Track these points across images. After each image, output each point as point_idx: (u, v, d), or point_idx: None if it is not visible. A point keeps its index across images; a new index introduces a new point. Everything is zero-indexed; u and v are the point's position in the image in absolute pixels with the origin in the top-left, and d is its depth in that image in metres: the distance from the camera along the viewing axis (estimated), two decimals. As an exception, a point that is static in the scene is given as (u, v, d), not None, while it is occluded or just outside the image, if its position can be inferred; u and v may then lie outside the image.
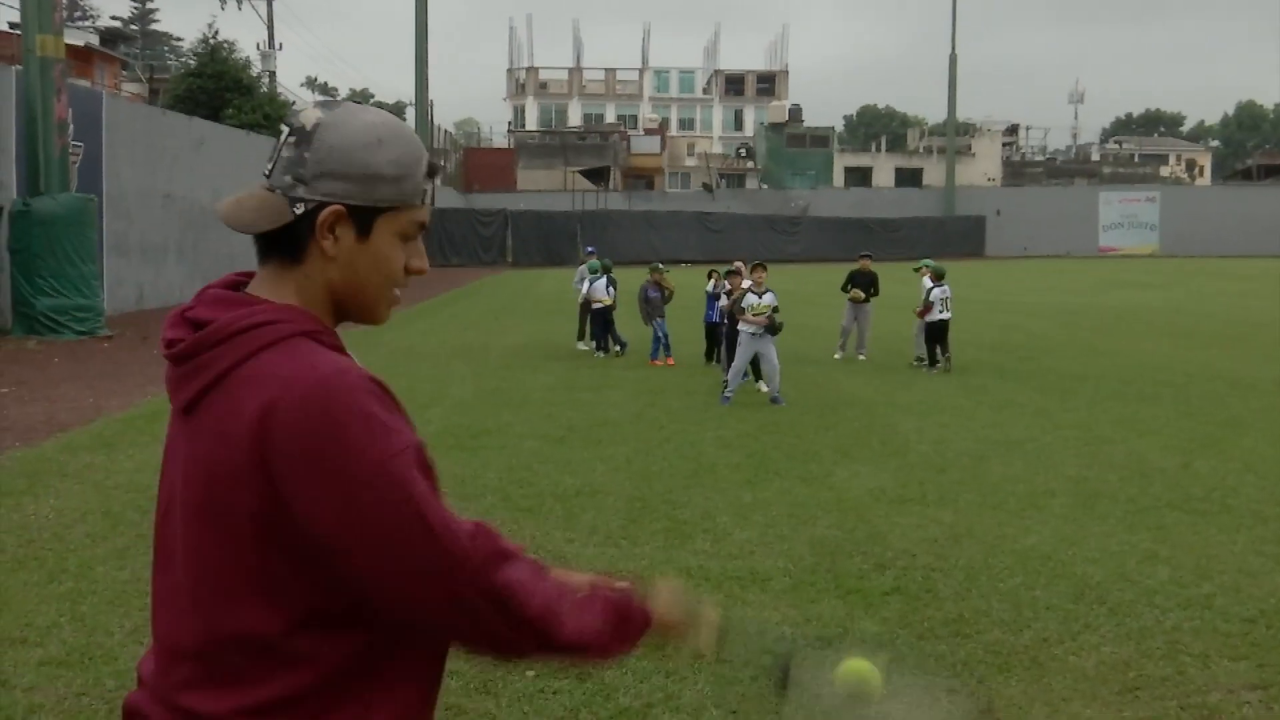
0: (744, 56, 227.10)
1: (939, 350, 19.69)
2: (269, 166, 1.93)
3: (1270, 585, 7.78)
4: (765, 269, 16.57)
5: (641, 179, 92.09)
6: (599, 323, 21.85)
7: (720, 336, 18.23)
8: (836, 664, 2.22)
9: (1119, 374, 19.20)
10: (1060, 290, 43.55)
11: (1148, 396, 16.75)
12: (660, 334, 20.42)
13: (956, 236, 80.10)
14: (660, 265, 22.31)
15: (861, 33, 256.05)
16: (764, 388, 16.58)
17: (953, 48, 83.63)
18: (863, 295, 21.32)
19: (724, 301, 17.41)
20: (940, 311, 19.57)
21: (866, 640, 6.72)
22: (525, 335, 25.59)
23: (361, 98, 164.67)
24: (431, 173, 2.01)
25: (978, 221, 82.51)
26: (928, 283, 20.12)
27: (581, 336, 22.94)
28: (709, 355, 20.03)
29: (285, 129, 1.93)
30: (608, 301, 21.65)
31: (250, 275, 2.00)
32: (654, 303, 20.70)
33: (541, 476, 11.06)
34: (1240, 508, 10.04)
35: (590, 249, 25.16)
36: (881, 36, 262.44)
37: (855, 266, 21.95)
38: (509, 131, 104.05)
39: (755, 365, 16.97)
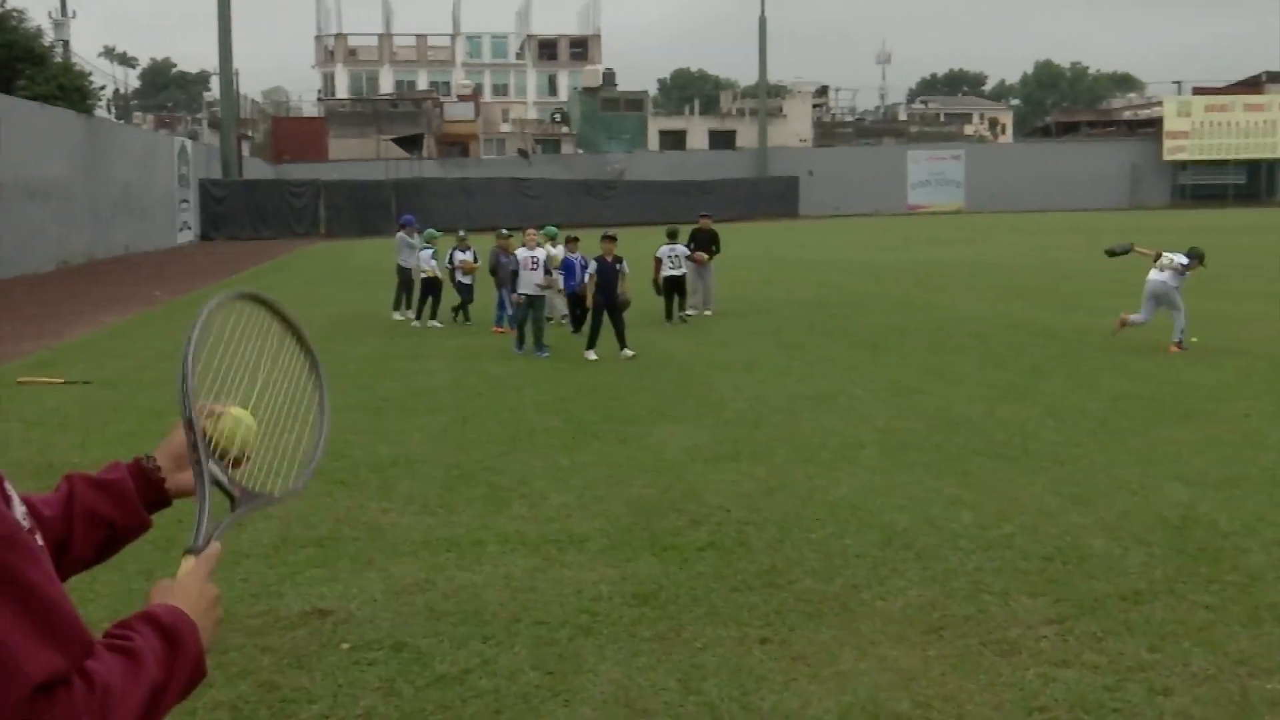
0: (557, 21, 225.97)
1: (676, 304, 21.35)
2: None
3: (1066, 524, 8.11)
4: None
5: (456, 146, 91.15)
6: (428, 293, 21.55)
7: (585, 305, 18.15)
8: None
9: (928, 327, 19.73)
10: (872, 248, 44.50)
11: (955, 348, 17.26)
12: (505, 302, 20.05)
13: (770, 197, 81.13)
14: (506, 231, 21.69)
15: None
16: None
17: (762, 10, 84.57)
18: (705, 256, 22.04)
19: (592, 269, 17.27)
20: (671, 268, 21.13)
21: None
22: (341, 306, 25.17)
23: (163, 67, 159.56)
24: None
25: (790, 182, 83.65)
26: (550, 248, 21.30)
27: (397, 306, 22.66)
28: (578, 324, 19.46)
29: None
30: (429, 272, 21.44)
31: None
32: (504, 269, 20.18)
33: (357, 448, 10.91)
34: (1040, 451, 10.43)
35: (406, 218, 24.69)
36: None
37: (695, 226, 22.67)
38: (319, 100, 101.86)
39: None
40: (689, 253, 21.73)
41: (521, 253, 17.94)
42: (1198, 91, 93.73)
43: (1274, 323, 19.26)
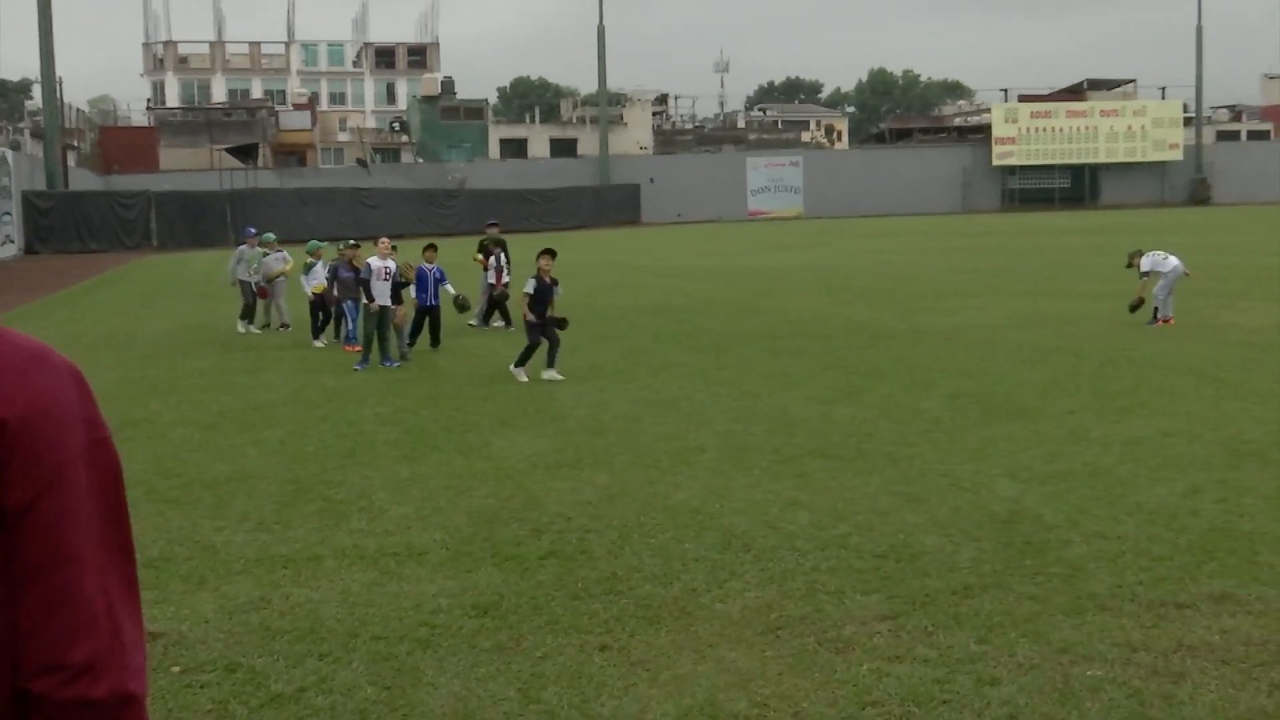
0: (394, 29, 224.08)
1: (500, 314, 21.51)
2: None
3: (899, 522, 8.28)
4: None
5: (293, 155, 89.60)
6: (320, 310, 20.60)
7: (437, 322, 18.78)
8: None
9: (770, 331, 19.98)
10: (714, 253, 44.93)
11: (795, 351, 17.51)
12: (350, 316, 19.39)
13: (613, 205, 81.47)
14: (353, 242, 20.82)
15: (512, 4, 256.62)
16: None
17: (600, 19, 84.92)
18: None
19: (530, 287, 16.52)
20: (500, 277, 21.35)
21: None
22: (175, 320, 24.59)
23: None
24: None
25: (633, 189, 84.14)
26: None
27: (244, 317, 22.15)
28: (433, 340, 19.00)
29: None
30: (319, 289, 20.46)
31: None
32: (347, 283, 19.39)
33: (190, 465, 10.66)
34: (875, 452, 10.64)
35: (251, 230, 24.23)
36: (532, 7, 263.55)
37: (483, 236, 22.87)
38: (148, 109, 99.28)
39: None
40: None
41: (374, 262, 17.62)
42: (1023, 99, 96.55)
43: (1098, 321, 19.94)
